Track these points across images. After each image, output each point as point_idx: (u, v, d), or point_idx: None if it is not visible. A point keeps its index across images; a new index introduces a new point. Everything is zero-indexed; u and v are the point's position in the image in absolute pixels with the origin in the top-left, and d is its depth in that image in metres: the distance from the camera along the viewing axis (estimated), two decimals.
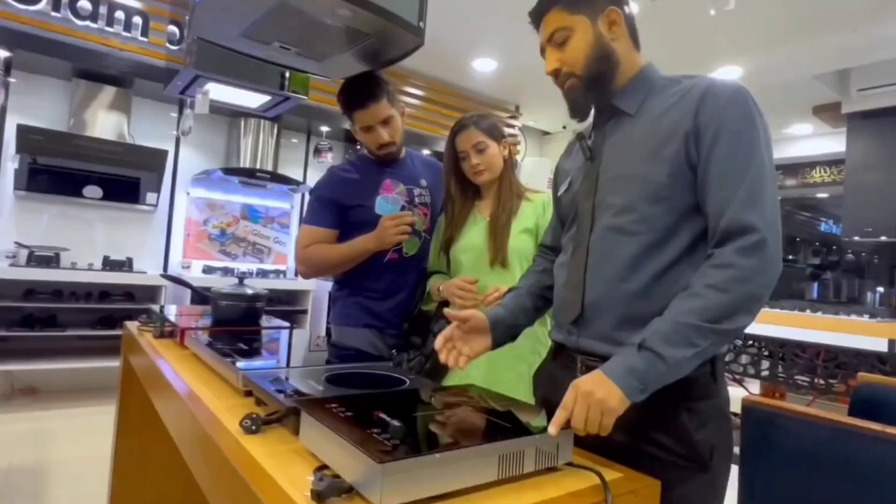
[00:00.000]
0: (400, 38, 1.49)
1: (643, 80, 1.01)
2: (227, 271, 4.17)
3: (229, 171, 4.14)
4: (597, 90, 1.00)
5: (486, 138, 1.56)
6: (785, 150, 6.29)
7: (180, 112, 4.17)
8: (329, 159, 4.62)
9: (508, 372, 1.47)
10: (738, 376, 3.55)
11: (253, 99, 2.15)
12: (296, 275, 4.69)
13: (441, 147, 5.00)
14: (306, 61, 1.68)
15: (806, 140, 6.10)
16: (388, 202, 1.74)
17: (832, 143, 5.82)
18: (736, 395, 1.08)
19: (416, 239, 1.74)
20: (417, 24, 1.45)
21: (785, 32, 3.68)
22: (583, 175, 1.05)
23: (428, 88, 5.03)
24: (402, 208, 1.74)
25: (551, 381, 1.06)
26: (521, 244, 1.53)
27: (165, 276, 2.02)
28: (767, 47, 3.95)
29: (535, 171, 6.21)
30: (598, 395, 0.77)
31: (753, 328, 3.04)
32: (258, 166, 4.26)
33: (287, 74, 2.11)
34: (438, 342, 1.08)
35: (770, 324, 3.38)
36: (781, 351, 3.34)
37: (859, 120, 4.75)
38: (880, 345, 3.08)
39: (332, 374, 1.16)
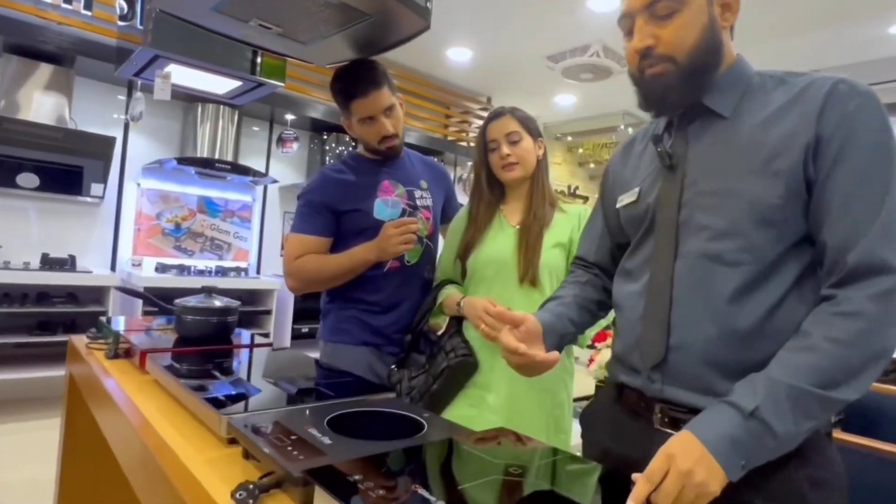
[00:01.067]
0: (403, 19, 1.30)
1: (738, 76, 0.84)
2: (182, 269, 3.86)
3: (184, 161, 3.81)
4: (695, 85, 0.82)
5: (521, 129, 1.41)
6: None
7: (129, 95, 3.80)
8: (294, 149, 4.34)
9: (532, 404, 1.31)
10: None
11: (220, 84, 1.90)
12: (258, 272, 4.41)
13: (413, 140, 4.80)
14: (289, 43, 1.46)
15: None
16: (388, 205, 1.55)
17: None
18: None
19: (418, 246, 1.57)
20: (425, 3, 1.26)
21: (756, 29, 3.68)
22: (659, 186, 0.88)
23: (398, 77, 4.81)
24: (403, 212, 1.56)
25: (615, 429, 0.90)
26: (553, 260, 1.37)
27: (120, 289, 1.77)
28: (741, 44, 3.95)
29: None
30: (699, 477, 0.62)
31: None
32: (217, 156, 3.94)
33: (259, 58, 1.87)
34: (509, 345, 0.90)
35: None
36: None
37: None
38: None
39: (334, 415, 0.97)
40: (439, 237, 1.70)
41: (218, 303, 1.65)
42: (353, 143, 4.71)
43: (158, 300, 1.68)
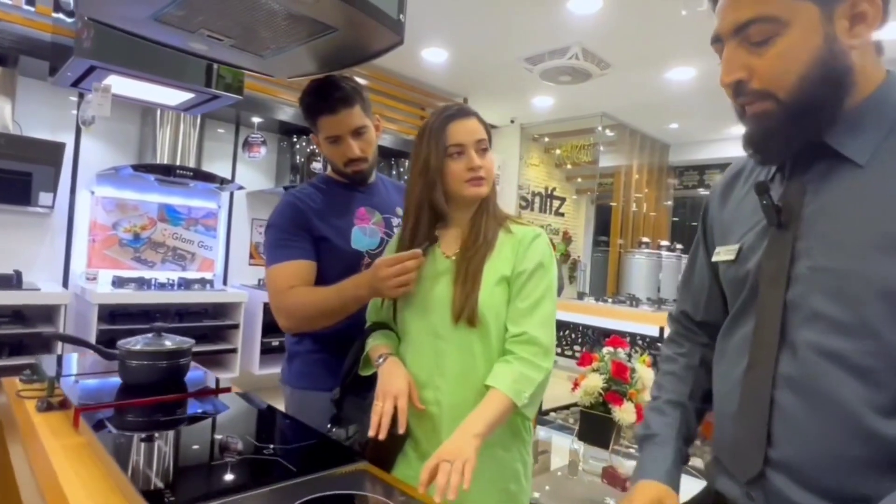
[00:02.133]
0: (373, 33, 1.16)
1: (882, 107, 0.65)
2: (142, 282, 3.62)
3: (142, 168, 3.57)
4: (806, 127, 0.65)
5: (488, 139, 1.15)
6: (724, 150, 6.41)
7: (81, 97, 3.54)
8: (262, 153, 4.13)
9: (483, 480, 1.06)
10: None
11: (171, 96, 1.72)
12: (224, 283, 4.20)
13: (387, 142, 4.63)
14: (244, 56, 1.30)
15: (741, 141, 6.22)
16: (366, 234, 1.40)
17: None
18: None
19: None
20: (397, 16, 1.12)
21: None
22: (763, 248, 0.71)
23: (371, 77, 4.63)
24: (381, 241, 1.41)
25: None
26: (494, 297, 1.11)
27: (61, 336, 1.56)
28: None
29: None
30: None
31: None
32: (178, 162, 3.71)
33: (216, 67, 1.70)
34: None
35: None
36: None
37: None
38: None
39: None
40: None
41: (168, 343, 1.48)
42: None
43: (103, 346, 1.49)
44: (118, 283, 3.55)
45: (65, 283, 3.57)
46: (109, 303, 3.36)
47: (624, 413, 2.29)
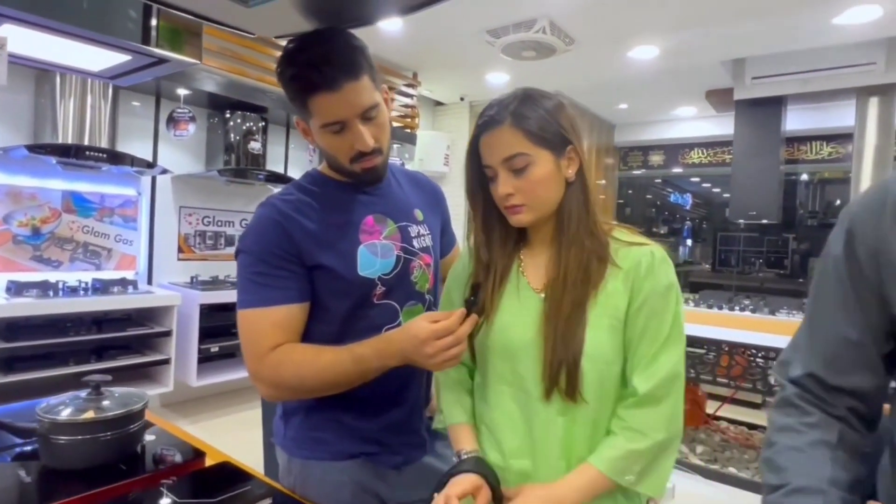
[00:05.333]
0: None
1: None
2: (46, 287, 3.00)
3: (40, 149, 2.93)
4: None
5: (531, 144, 0.85)
6: (668, 132, 6.47)
7: None
8: (190, 131, 3.54)
9: None
10: None
11: (93, 57, 1.26)
12: (149, 282, 3.63)
13: None
14: (219, 2, 0.90)
15: (689, 122, 6.30)
16: (377, 254, 1.04)
17: (712, 126, 6.07)
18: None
19: (419, 306, 1.10)
20: None
21: (700, 17, 3.52)
22: None
23: None
24: (398, 261, 1.07)
25: None
26: (601, 350, 0.84)
27: None
28: (683, 30, 3.78)
29: (431, 145, 5.62)
30: None
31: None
32: (86, 141, 3.08)
33: (155, 19, 1.25)
34: None
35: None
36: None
37: (747, 107, 4.88)
38: None
39: None
40: (440, 287, 1.23)
41: (109, 403, 1.08)
42: (264, 121, 3.99)
43: (12, 424, 1.06)
44: (15, 289, 2.92)
45: None
46: (5, 315, 2.74)
47: None
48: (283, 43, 1.02)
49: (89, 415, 1.02)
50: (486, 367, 0.94)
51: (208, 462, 1.09)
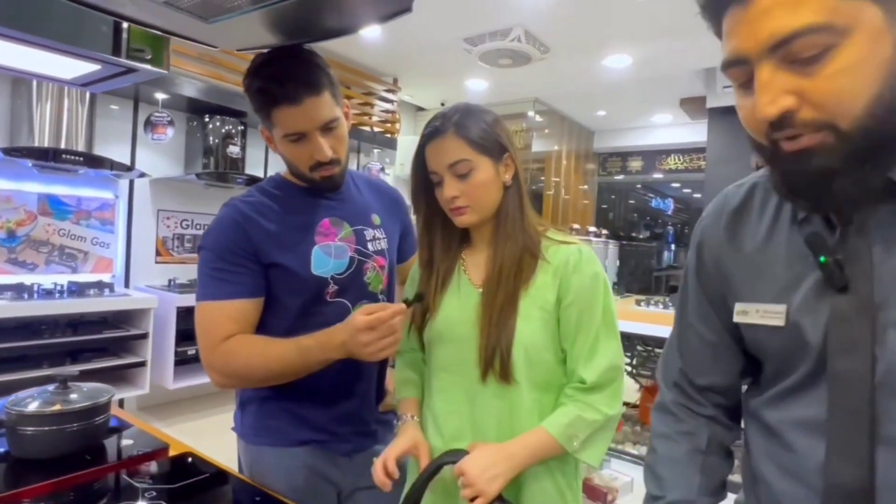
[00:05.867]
0: None
1: None
2: (21, 290, 3.01)
3: (16, 152, 2.94)
4: (881, 165, 0.52)
5: (473, 151, 0.94)
6: (645, 138, 6.61)
7: None
8: (168, 135, 3.57)
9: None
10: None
11: (65, 66, 1.31)
12: (126, 285, 3.65)
13: None
14: (181, 18, 0.95)
15: (665, 129, 6.45)
16: (331, 255, 1.11)
17: (687, 132, 6.22)
18: None
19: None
20: None
21: (671, 27, 3.64)
22: (825, 312, 0.57)
23: None
24: (351, 262, 1.13)
25: None
26: (533, 338, 0.93)
27: None
28: (655, 39, 3.90)
29: (412, 150, 5.66)
30: None
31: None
32: (63, 145, 3.09)
33: (125, 30, 1.30)
34: None
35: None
36: None
37: (719, 115, 5.02)
38: None
39: None
40: (396, 288, 1.30)
41: (77, 396, 1.13)
42: (243, 125, 4.02)
43: None
44: None
45: None
46: None
47: None
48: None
49: (56, 407, 1.06)
50: (430, 357, 1.03)
51: (172, 453, 1.14)
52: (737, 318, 0.65)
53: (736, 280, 0.67)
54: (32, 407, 1.06)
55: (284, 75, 1.01)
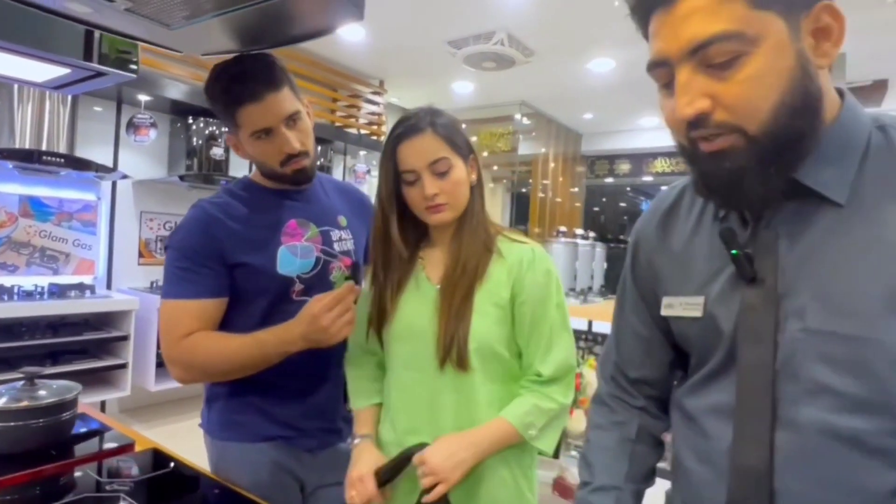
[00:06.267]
0: (322, 5, 0.90)
1: (849, 135, 0.57)
2: (0, 292, 3.00)
3: None
4: (785, 166, 0.55)
5: (450, 150, 0.98)
6: (633, 141, 6.67)
7: None
8: (151, 137, 3.58)
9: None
10: None
11: (36, 70, 1.32)
12: (108, 287, 3.65)
13: None
14: (141, 23, 0.98)
15: (652, 132, 6.51)
16: (297, 254, 1.14)
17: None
18: None
19: None
20: None
21: None
22: (736, 303, 0.60)
23: (280, 55, 4.18)
24: (318, 262, 1.16)
25: None
26: (487, 331, 0.97)
27: None
28: (637, 44, 3.94)
29: None
30: None
31: None
32: (44, 146, 3.09)
33: (97, 36, 1.32)
34: None
35: None
36: None
37: None
38: None
39: None
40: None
41: (44, 393, 1.15)
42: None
43: None
44: None
45: None
46: None
47: (574, 422, 2.23)
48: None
49: (23, 403, 1.08)
50: (390, 354, 1.05)
51: (138, 449, 1.16)
52: (664, 312, 0.69)
53: (664, 276, 0.71)
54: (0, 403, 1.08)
55: (243, 76, 1.05)
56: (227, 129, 1.16)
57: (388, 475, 0.96)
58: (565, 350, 0.99)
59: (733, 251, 0.59)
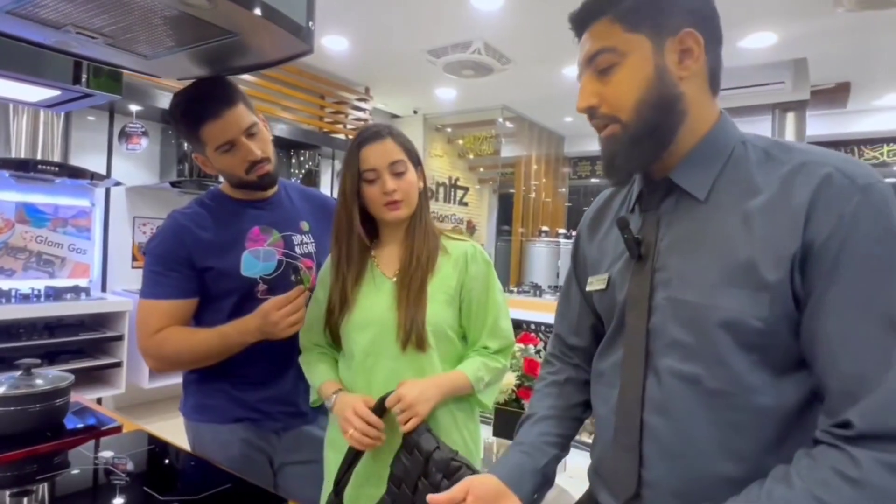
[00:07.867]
0: (278, 41, 1.05)
1: (715, 145, 0.72)
2: None
3: None
4: (645, 149, 0.72)
5: (406, 158, 1.16)
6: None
7: None
8: (142, 145, 3.72)
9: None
10: None
11: (29, 92, 1.47)
12: (103, 289, 3.79)
13: (285, 133, 4.39)
14: (123, 55, 1.13)
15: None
16: (259, 258, 1.29)
17: None
18: None
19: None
20: (306, 24, 1.02)
21: None
22: (628, 278, 0.76)
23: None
24: (279, 265, 1.31)
25: None
26: (440, 316, 1.14)
27: None
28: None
29: None
30: None
31: None
32: (39, 155, 3.24)
33: (85, 63, 1.47)
34: None
35: None
36: None
37: None
38: None
39: None
40: None
41: (40, 382, 1.30)
42: None
43: None
44: None
45: None
46: None
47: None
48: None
49: (21, 390, 1.23)
50: (350, 343, 1.19)
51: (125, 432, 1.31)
52: (587, 288, 0.87)
53: (591, 261, 0.88)
54: (0, 390, 1.22)
55: (201, 97, 1.21)
56: (192, 149, 1.31)
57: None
58: (507, 328, 1.21)
59: (625, 235, 0.75)
